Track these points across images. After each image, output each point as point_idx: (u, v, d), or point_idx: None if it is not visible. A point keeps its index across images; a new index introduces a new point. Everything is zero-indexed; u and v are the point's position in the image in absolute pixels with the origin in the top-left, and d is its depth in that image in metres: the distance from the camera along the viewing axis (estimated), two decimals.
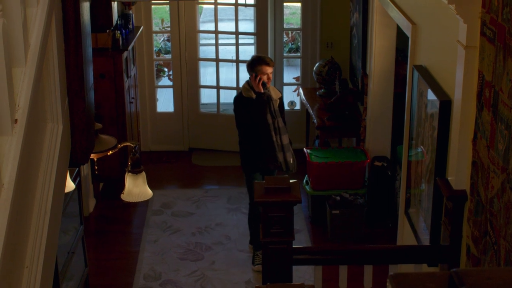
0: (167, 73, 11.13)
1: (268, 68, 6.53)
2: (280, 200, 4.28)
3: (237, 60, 9.19)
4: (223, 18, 10.44)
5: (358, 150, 7.44)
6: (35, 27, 2.17)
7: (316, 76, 8.50)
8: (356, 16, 8.03)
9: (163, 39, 12.32)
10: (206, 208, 7.92)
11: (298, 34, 11.17)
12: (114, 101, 7.71)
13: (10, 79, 1.93)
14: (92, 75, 2.79)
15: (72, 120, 2.59)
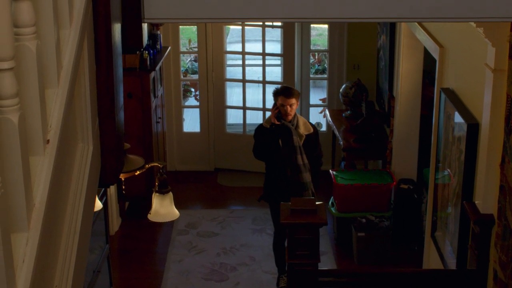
0: (194, 93, 11.18)
1: (288, 100, 6.27)
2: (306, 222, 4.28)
3: (264, 81, 9.22)
4: (250, 39, 10.48)
5: (384, 172, 7.42)
6: (68, 48, 2.19)
7: (343, 98, 8.50)
8: (383, 38, 8.03)
9: (190, 59, 12.39)
10: (231, 228, 7.92)
11: (325, 55, 11.18)
12: (141, 120, 7.76)
13: (43, 100, 1.95)
14: (122, 95, 2.82)
15: (103, 140, 2.61)
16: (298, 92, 6.59)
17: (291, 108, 6.31)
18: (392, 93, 7.49)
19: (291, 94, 6.33)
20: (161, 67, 8.52)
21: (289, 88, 6.55)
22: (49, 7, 2.06)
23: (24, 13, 1.87)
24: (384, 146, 7.69)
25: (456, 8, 3.16)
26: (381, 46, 8.21)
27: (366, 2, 3.57)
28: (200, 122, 9.50)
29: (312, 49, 10.03)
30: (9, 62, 1.73)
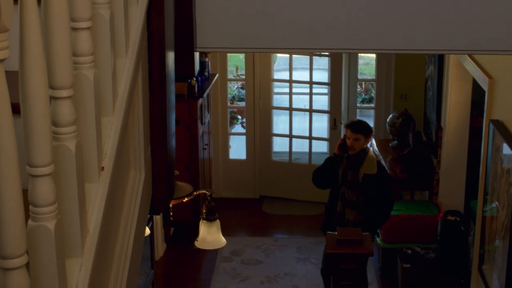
0: (241, 121, 11.23)
1: (353, 134, 6.19)
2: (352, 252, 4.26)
3: (310, 110, 9.23)
4: (297, 67, 10.52)
5: (431, 203, 7.36)
6: (123, 77, 2.23)
7: (390, 127, 8.47)
8: (431, 69, 8.00)
9: (237, 87, 12.46)
10: (275, 257, 7.90)
11: (372, 85, 11.17)
12: (188, 147, 7.81)
13: (99, 128, 1.99)
14: (174, 122, 2.85)
15: (154, 168, 2.64)
16: (369, 129, 6.41)
17: (355, 142, 6.19)
18: (440, 124, 7.45)
19: (357, 128, 6.24)
20: (208, 94, 8.58)
21: (358, 123, 6.45)
22: (106, 36, 2.10)
23: (83, 42, 1.91)
24: (431, 177, 7.63)
25: (508, 41, 3.15)
26: (429, 76, 8.18)
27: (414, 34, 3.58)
28: (246, 149, 9.53)
29: (359, 78, 10.04)
30: (68, 91, 1.76)
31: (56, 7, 1.71)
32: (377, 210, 6.30)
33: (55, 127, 1.75)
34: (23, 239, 1.55)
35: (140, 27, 2.39)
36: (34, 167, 1.63)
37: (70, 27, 1.78)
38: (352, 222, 6.20)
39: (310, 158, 9.28)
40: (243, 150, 9.72)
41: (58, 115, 1.75)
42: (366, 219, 6.23)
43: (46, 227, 1.65)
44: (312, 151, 9.33)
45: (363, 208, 6.21)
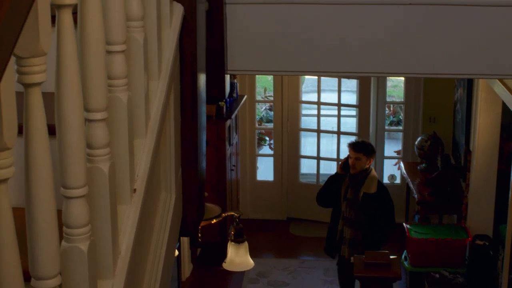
0: (268, 142, 11.23)
1: (354, 153, 6.31)
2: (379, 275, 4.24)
3: (338, 132, 9.23)
4: (326, 88, 10.52)
5: (459, 227, 7.31)
6: (156, 99, 2.25)
7: (418, 150, 8.43)
8: (460, 92, 7.97)
9: (265, 108, 12.47)
10: (302, 279, 7.88)
11: (400, 107, 11.13)
12: (216, 168, 7.83)
13: (132, 150, 2.00)
14: (205, 144, 2.86)
15: (185, 189, 2.65)
16: (371, 149, 6.49)
17: (356, 161, 6.30)
18: (469, 147, 7.41)
19: (358, 148, 6.36)
20: (236, 115, 8.60)
21: (360, 142, 6.57)
22: (140, 59, 2.12)
23: (117, 66, 1.93)
24: (459, 200, 7.58)
25: None
26: (458, 99, 8.14)
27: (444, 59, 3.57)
28: (273, 171, 9.52)
29: (388, 100, 10.01)
30: (102, 113, 1.78)
31: (92, 31, 1.73)
32: (376, 230, 6.33)
33: (89, 149, 1.77)
34: (56, 260, 1.56)
35: (173, 50, 2.41)
36: (69, 189, 1.64)
37: (105, 51, 1.80)
38: (349, 240, 6.29)
39: None
40: (270, 172, 9.71)
41: (92, 137, 1.77)
42: (363, 239, 6.28)
43: (79, 248, 1.67)
44: None
45: (361, 227, 6.27)
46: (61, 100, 1.61)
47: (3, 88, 1.25)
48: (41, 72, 1.43)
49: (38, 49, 1.41)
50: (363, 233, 6.28)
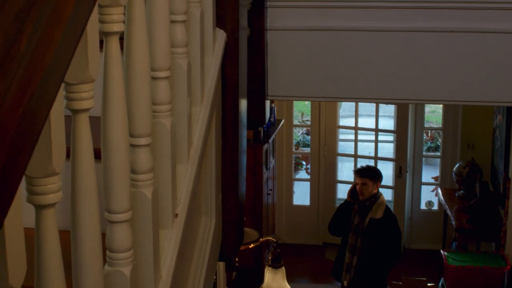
0: (305, 166, 11.22)
1: (360, 179, 6.30)
2: None
3: (376, 157, 9.20)
4: (363, 113, 10.51)
5: (497, 255, 7.22)
6: (198, 125, 2.27)
7: (456, 177, 8.37)
8: (499, 118, 7.91)
9: (302, 132, 12.47)
10: None
11: (438, 133, 11.07)
12: (252, 192, 7.83)
13: (174, 175, 2.02)
14: (245, 168, 2.88)
15: (225, 214, 2.66)
16: (377, 174, 6.46)
17: (363, 187, 6.28)
18: (508, 174, 7.33)
19: (363, 173, 6.36)
20: (274, 140, 8.61)
21: (366, 168, 6.57)
22: (183, 85, 2.14)
23: (161, 92, 1.95)
24: (498, 228, 7.50)
25: None
26: (497, 126, 8.08)
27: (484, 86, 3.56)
28: (310, 195, 9.51)
29: (426, 126, 9.96)
30: (146, 139, 1.80)
31: (138, 58, 1.76)
32: (381, 258, 6.26)
33: (133, 174, 1.79)
34: (100, 283, 1.57)
35: (215, 76, 2.44)
36: (113, 213, 1.66)
37: (150, 77, 1.82)
38: (346, 264, 6.27)
39: None
40: (307, 196, 9.70)
41: (136, 162, 1.79)
42: (367, 266, 6.22)
43: (122, 272, 1.68)
44: None
45: (358, 252, 6.22)
46: (107, 125, 1.63)
47: (53, 115, 1.27)
48: (89, 98, 1.45)
49: (86, 76, 1.43)
50: (367, 260, 6.22)
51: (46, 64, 1.20)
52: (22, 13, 1.21)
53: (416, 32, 3.56)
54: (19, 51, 1.17)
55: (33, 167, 1.27)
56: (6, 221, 1.13)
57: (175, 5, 2.09)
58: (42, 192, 1.33)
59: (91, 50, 1.43)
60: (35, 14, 1.21)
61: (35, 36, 1.20)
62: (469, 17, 3.49)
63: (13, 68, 1.15)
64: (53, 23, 1.24)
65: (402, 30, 3.56)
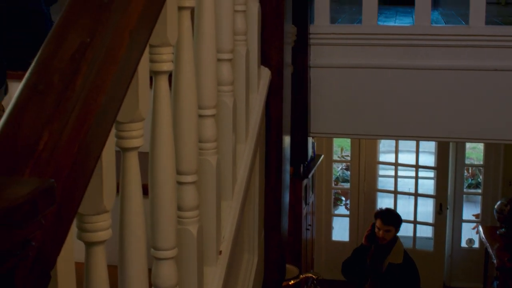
0: (344, 202, 11.18)
1: (381, 225, 6.03)
2: None
3: (416, 194, 9.13)
4: (403, 149, 10.45)
5: None
6: (243, 162, 2.28)
7: (497, 214, 8.26)
8: None
9: (341, 168, 12.44)
10: None
11: (479, 170, 10.98)
12: (292, 227, 7.80)
13: (219, 212, 2.03)
14: (287, 205, 2.88)
15: (267, 251, 2.67)
16: (400, 220, 6.28)
17: (386, 233, 6.03)
18: None
19: (388, 220, 6.08)
20: (313, 175, 8.59)
21: (390, 213, 6.30)
22: (228, 123, 2.16)
23: (207, 129, 1.97)
24: None
25: None
26: None
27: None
28: (349, 231, 9.45)
29: (467, 163, 9.89)
30: (192, 176, 1.82)
31: (185, 96, 1.78)
32: None
33: (179, 211, 1.80)
34: None
35: (260, 113, 2.46)
36: (159, 250, 1.67)
37: (197, 115, 1.84)
38: None
39: (414, 243, 9.13)
40: (346, 232, 9.65)
41: (182, 199, 1.81)
42: None
43: None
44: (417, 236, 9.19)
45: None
46: (155, 162, 1.65)
47: (105, 154, 1.29)
48: (138, 137, 1.48)
49: (136, 115, 1.46)
50: None
51: (100, 104, 1.23)
52: (78, 54, 1.24)
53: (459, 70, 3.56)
54: (74, 91, 1.19)
55: (84, 204, 1.29)
56: (58, 257, 1.15)
57: (222, 43, 2.12)
58: (93, 229, 1.35)
59: (142, 89, 1.46)
60: (90, 55, 1.24)
61: (90, 76, 1.23)
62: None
63: (69, 107, 1.17)
64: (107, 64, 1.27)
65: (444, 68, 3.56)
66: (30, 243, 0.91)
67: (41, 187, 0.94)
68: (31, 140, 1.12)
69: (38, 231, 0.93)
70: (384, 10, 4.53)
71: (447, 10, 5.50)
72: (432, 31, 3.54)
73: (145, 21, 1.41)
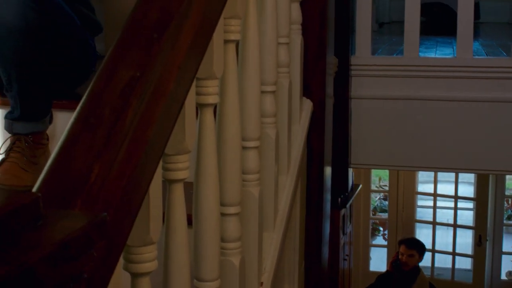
0: (382, 232, 11.10)
1: (405, 250, 6.19)
2: None
3: (455, 225, 9.05)
4: (442, 179, 10.37)
5: None
6: (284, 193, 2.29)
7: None
8: None
9: (379, 198, 12.37)
10: None
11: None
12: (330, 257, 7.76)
13: (261, 244, 2.04)
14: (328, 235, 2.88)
15: (307, 283, 2.67)
16: (423, 247, 6.39)
17: (409, 258, 6.16)
18: None
19: (411, 245, 6.26)
20: (351, 204, 8.55)
21: (413, 239, 6.52)
22: (271, 155, 2.17)
23: (251, 161, 1.98)
24: None
25: None
26: None
27: None
28: (386, 261, 9.37)
29: (507, 194, 9.78)
30: (236, 207, 1.83)
31: (229, 128, 1.80)
32: None
33: (222, 242, 1.81)
34: None
35: (301, 145, 2.47)
36: (202, 282, 1.68)
37: (241, 146, 1.86)
38: None
39: (453, 275, 9.03)
40: (383, 263, 9.56)
41: (225, 231, 1.82)
42: None
43: None
44: (455, 267, 9.09)
45: None
46: (199, 194, 1.66)
47: (152, 187, 1.31)
48: (184, 169, 1.49)
49: (183, 147, 1.47)
50: None
51: (149, 137, 1.25)
52: (128, 88, 1.26)
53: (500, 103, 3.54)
54: (124, 125, 1.22)
55: (131, 236, 1.31)
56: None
57: (266, 76, 2.13)
58: (139, 260, 1.36)
59: (188, 122, 1.48)
60: (139, 89, 1.27)
61: (139, 110, 1.25)
62: None
63: (119, 141, 1.20)
64: (156, 98, 1.29)
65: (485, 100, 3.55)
66: (82, 276, 0.93)
67: (95, 221, 0.96)
68: (82, 173, 1.15)
69: (91, 263, 0.94)
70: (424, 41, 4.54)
71: (488, 40, 5.49)
72: (474, 63, 3.53)
73: (193, 55, 1.44)
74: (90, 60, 2.70)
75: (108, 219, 1.10)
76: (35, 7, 2.34)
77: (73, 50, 2.61)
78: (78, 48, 2.63)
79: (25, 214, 0.88)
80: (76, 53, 2.62)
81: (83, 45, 2.65)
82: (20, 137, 2.45)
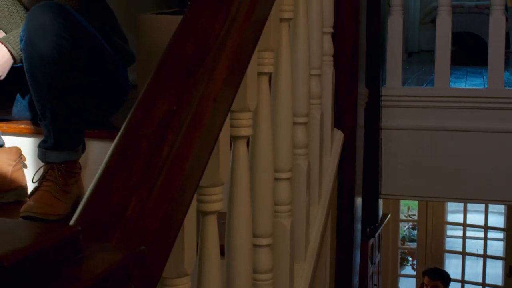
0: (411, 262, 11.01)
1: (429, 281, 6.24)
2: None
3: (484, 255, 8.96)
4: (471, 209, 10.29)
5: None
6: (315, 224, 2.29)
7: None
8: None
9: (407, 227, 12.29)
10: None
11: None
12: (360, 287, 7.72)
13: (292, 275, 2.04)
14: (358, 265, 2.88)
15: None
16: (448, 277, 6.40)
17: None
18: None
19: (435, 275, 6.32)
20: (380, 234, 8.51)
21: (437, 270, 6.51)
22: (303, 186, 2.18)
23: (283, 192, 1.99)
24: None
25: None
26: None
27: None
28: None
29: None
30: (268, 239, 1.84)
31: (262, 160, 1.81)
32: None
33: (254, 274, 1.81)
34: None
35: (332, 176, 2.47)
36: None
37: (273, 178, 1.87)
38: None
39: None
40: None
41: (257, 262, 1.82)
42: None
43: None
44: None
45: None
46: (232, 225, 1.67)
47: (187, 219, 1.32)
48: (218, 201, 1.50)
49: (217, 179, 1.48)
50: None
51: (185, 170, 1.26)
52: (164, 121, 1.28)
53: None
54: (161, 158, 1.23)
55: (166, 267, 1.32)
56: None
57: (298, 107, 2.14)
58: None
59: (223, 154, 1.49)
60: (176, 122, 1.28)
61: (175, 143, 1.26)
62: None
63: (156, 173, 1.21)
64: (192, 131, 1.30)
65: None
66: None
67: (133, 254, 0.97)
68: (120, 205, 1.16)
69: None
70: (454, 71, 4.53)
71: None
72: (505, 94, 3.52)
73: (228, 88, 1.45)
74: (123, 89, 2.73)
75: (145, 252, 1.11)
76: (68, 37, 2.37)
77: (106, 80, 2.64)
78: (111, 78, 2.66)
79: (66, 247, 0.89)
80: (109, 83, 2.65)
81: (115, 75, 2.68)
82: (53, 166, 2.48)
